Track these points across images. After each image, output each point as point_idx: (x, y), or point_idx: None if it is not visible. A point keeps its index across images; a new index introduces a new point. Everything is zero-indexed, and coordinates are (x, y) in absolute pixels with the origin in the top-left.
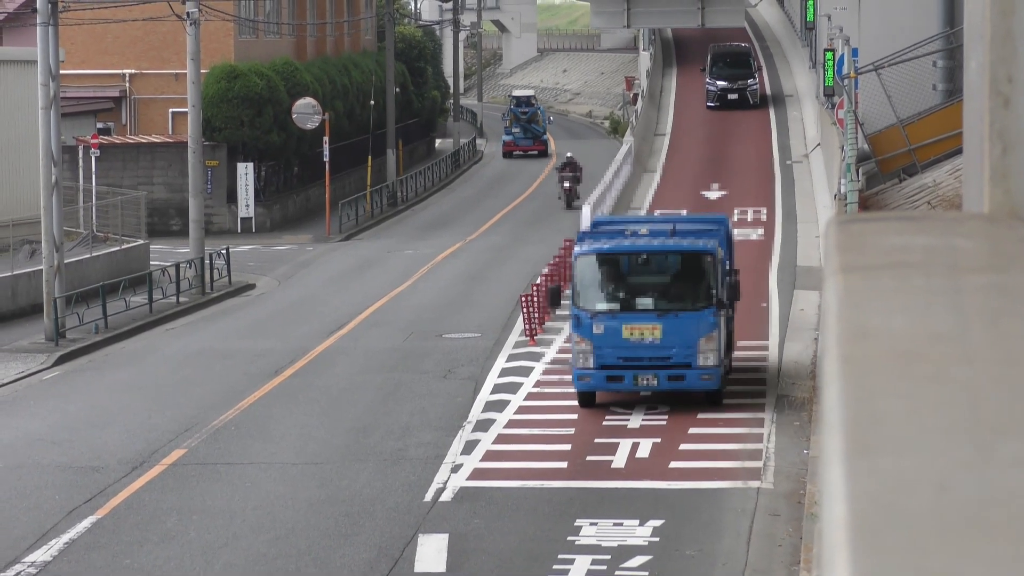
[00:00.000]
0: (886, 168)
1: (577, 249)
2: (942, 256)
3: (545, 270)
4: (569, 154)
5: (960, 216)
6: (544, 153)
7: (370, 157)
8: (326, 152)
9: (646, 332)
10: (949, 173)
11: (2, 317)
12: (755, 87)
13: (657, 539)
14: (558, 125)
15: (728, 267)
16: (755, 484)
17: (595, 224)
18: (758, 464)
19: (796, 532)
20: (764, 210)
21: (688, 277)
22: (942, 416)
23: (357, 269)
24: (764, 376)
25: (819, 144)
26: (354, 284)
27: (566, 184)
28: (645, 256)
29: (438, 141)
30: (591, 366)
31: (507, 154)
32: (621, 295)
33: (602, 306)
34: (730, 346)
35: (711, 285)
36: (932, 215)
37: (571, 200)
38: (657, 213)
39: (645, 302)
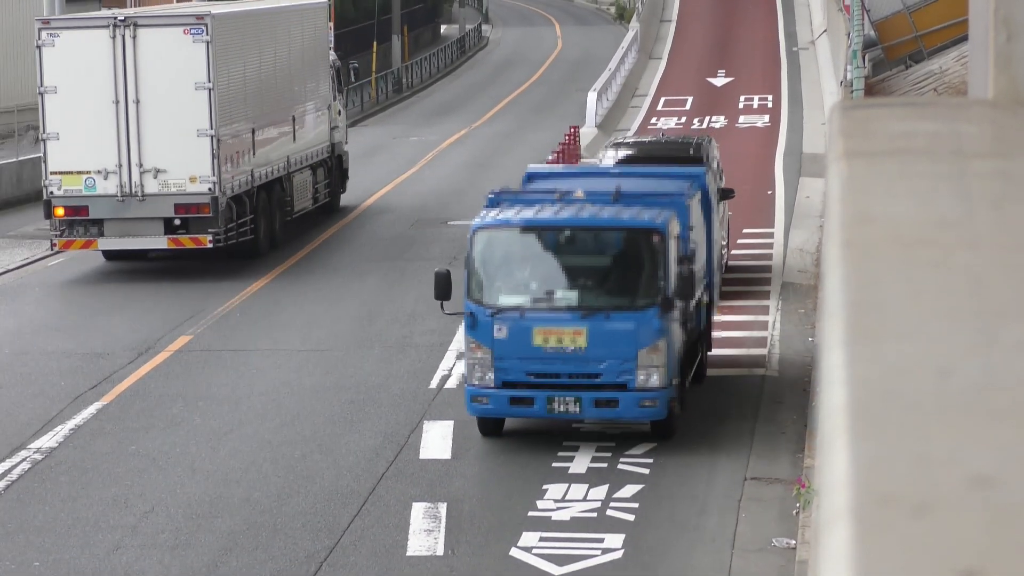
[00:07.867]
0: (892, 55)
1: (476, 221)
2: (946, 142)
3: (551, 156)
4: None
5: (965, 102)
6: None
7: (375, 43)
8: (331, 37)
9: (566, 338)
10: (955, 60)
11: (7, 203)
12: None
13: None
14: (564, 11)
15: (686, 249)
16: (760, 371)
17: (529, 177)
18: (763, 351)
19: (800, 419)
20: (770, 97)
21: (627, 263)
22: (944, 301)
23: (362, 156)
24: (769, 264)
25: (825, 31)
26: (359, 171)
27: None
28: (568, 233)
29: (443, 27)
30: (489, 384)
31: None
32: (533, 286)
33: (506, 301)
34: (696, 353)
35: (660, 275)
36: (937, 101)
37: None
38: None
39: (566, 297)
